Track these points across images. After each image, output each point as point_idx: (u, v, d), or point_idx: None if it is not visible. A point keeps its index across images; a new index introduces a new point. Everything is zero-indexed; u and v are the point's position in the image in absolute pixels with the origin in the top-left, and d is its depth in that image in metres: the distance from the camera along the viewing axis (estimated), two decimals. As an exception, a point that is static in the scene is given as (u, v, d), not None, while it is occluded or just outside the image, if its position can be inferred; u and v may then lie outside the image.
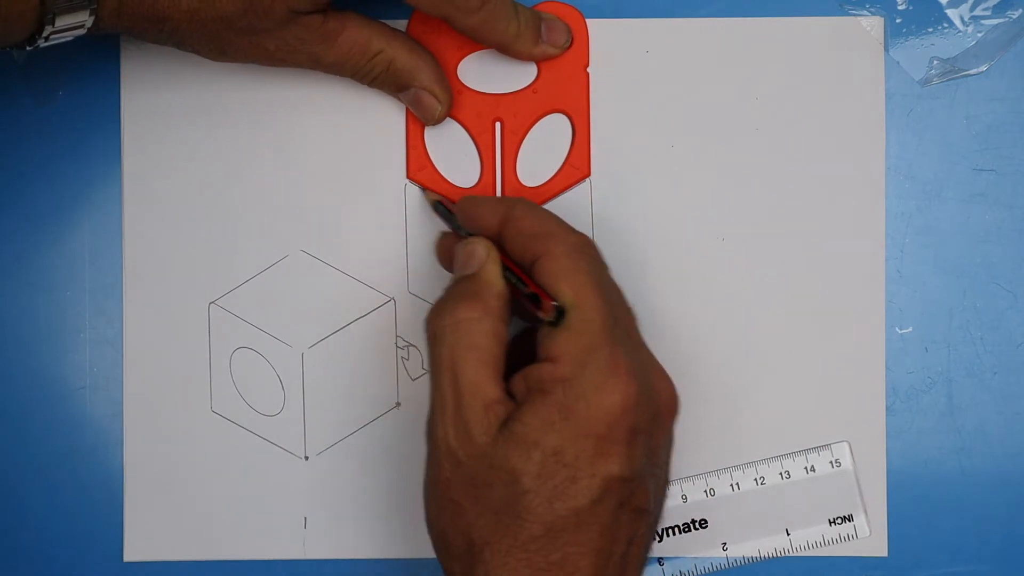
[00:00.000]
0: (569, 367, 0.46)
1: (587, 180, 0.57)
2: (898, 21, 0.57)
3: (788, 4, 0.57)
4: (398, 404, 0.58)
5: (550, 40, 0.55)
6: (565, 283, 0.47)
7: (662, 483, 0.50)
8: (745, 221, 0.57)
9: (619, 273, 0.57)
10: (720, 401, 0.57)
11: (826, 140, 0.57)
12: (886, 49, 0.57)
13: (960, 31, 0.57)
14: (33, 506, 0.58)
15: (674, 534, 0.57)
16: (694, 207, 0.57)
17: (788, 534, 0.57)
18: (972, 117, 0.57)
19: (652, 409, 0.47)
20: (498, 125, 0.57)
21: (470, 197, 0.54)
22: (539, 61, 0.56)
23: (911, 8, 0.57)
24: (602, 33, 0.57)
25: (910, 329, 0.57)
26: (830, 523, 0.57)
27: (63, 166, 0.58)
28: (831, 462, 0.57)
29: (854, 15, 0.57)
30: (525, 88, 0.57)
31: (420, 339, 0.52)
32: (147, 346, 0.57)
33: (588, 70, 0.57)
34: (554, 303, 0.47)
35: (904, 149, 0.57)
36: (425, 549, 0.54)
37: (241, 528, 0.57)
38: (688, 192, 0.57)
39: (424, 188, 0.57)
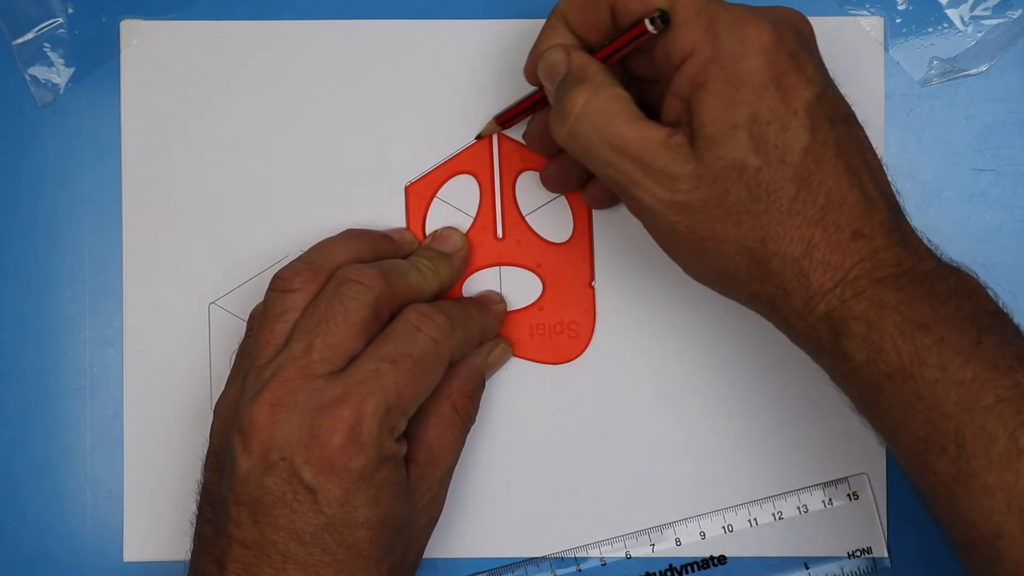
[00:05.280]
0: (707, 48, 0.46)
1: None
2: (898, 21, 0.57)
3: (788, 4, 0.57)
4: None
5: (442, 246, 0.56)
6: None
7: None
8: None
9: (620, 274, 0.57)
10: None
11: (826, 140, 0.57)
12: (886, 49, 0.57)
13: (960, 31, 0.57)
14: (33, 506, 0.58)
15: (693, 571, 0.57)
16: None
17: (807, 568, 0.57)
18: (972, 117, 0.57)
19: (792, 29, 0.47)
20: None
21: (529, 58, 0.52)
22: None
23: (911, 8, 0.57)
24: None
25: (910, 329, 0.57)
26: (849, 556, 0.57)
27: (63, 166, 0.58)
28: (848, 495, 0.57)
29: (854, 15, 0.57)
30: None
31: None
32: (147, 346, 0.57)
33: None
34: (654, 11, 0.47)
35: (904, 149, 0.57)
36: (426, 549, 0.54)
37: (241, 528, 0.57)
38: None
39: (480, 135, 0.57)
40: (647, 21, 0.47)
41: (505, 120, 0.56)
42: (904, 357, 0.45)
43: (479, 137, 0.57)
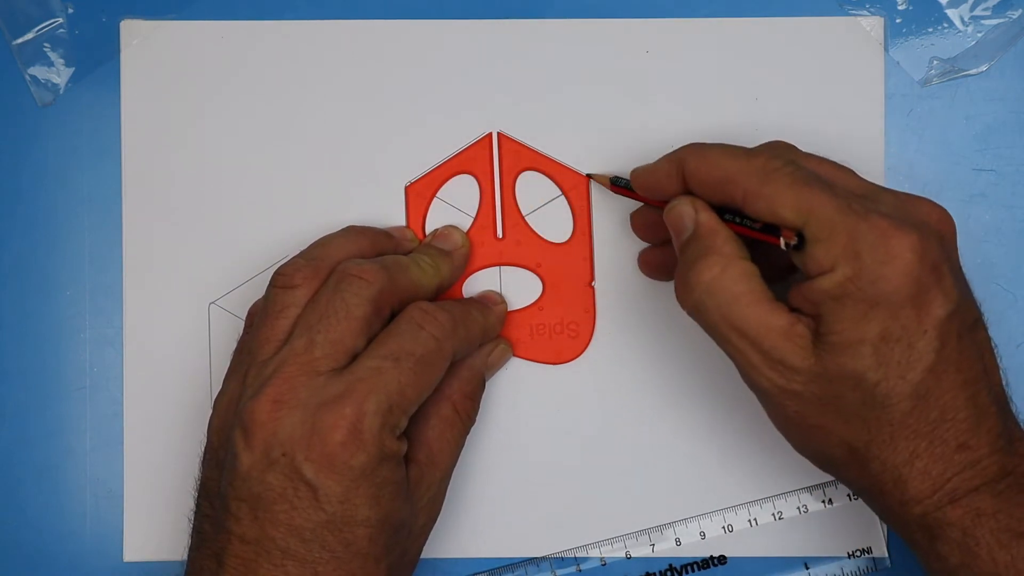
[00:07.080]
0: (846, 267, 0.45)
1: (587, 179, 0.57)
2: (898, 21, 0.57)
3: (788, 4, 0.57)
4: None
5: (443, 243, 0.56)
6: (782, 208, 0.46)
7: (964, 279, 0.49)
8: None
9: (619, 274, 0.57)
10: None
11: (826, 140, 0.56)
12: (886, 49, 0.57)
13: (960, 31, 0.57)
14: (33, 506, 0.58)
15: (693, 571, 0.57)
16: (694, 207, 0.57)
17: (807, 568, 0.57)
18: (972, 117, 0.57)
19: (936, 237, 0.46)
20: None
21: (639, 168, 0.52)
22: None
23: (911, 8, 0.57)
24: (602, 33, 0.57)
25: (910, 329, 0.57)
26: (849, 556, 0.57)
27: (63, 166, 0.58)
28: (849, 495, 0.57)
29: (854, 15, 0.57)
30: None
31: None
32: (147, 346, 0.57)
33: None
34: (790, 233, 0.46)
35: (904, 149, 0.57)
36: (425, 549, 0.54)
37: (241, 528, 0.57)
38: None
39: (591, 175, 0.57)
40: (782, 241, 0.46)
41: (618, 191, 0.55)
42: (1000, 566, 0.45)
43: (589, 176, 0.57)
